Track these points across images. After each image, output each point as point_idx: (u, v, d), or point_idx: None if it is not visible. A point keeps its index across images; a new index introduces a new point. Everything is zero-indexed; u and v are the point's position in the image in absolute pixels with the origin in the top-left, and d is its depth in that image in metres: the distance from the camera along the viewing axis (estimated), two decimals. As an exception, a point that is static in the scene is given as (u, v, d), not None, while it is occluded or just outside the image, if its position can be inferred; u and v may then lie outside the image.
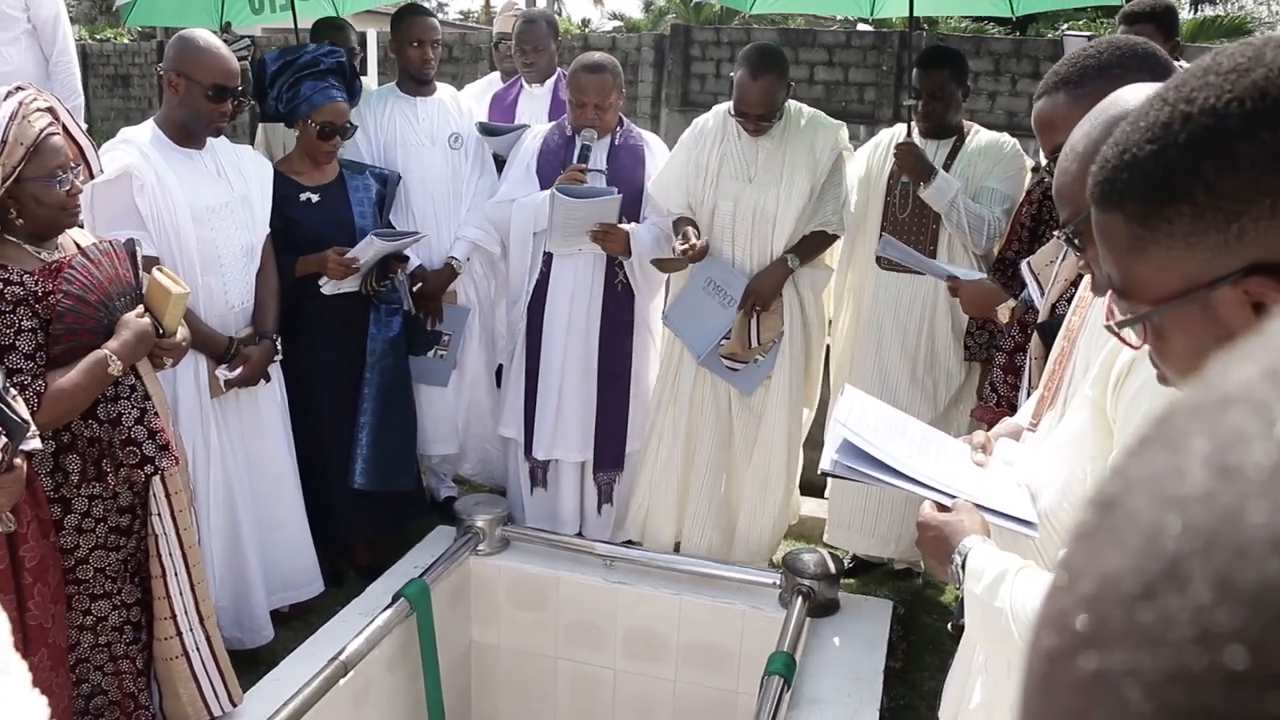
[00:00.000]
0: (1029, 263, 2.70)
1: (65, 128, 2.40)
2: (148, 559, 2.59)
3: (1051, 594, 0.34)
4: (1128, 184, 0.88)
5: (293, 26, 4.66)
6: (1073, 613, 0.32)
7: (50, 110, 2.35)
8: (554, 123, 3.95)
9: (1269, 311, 0.82)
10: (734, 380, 3.77)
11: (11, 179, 2.26)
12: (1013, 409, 2.90)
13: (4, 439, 2.01)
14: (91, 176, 2.49)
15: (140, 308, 2.50)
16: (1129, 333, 0.98)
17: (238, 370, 3.21)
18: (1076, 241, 1.32)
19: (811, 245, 3.70)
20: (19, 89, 2.33)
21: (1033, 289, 2.66)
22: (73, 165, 2.37)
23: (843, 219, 3.70)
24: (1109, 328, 0.99)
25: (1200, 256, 0.84)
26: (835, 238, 3.75)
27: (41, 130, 2.29)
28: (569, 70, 3.81)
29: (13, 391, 2.12)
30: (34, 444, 2.09)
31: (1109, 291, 0.98)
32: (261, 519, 3.45)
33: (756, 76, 3.50)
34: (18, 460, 2.06)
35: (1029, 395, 2.36)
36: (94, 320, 2.38)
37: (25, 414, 2.09)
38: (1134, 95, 1.28)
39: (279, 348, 3.38)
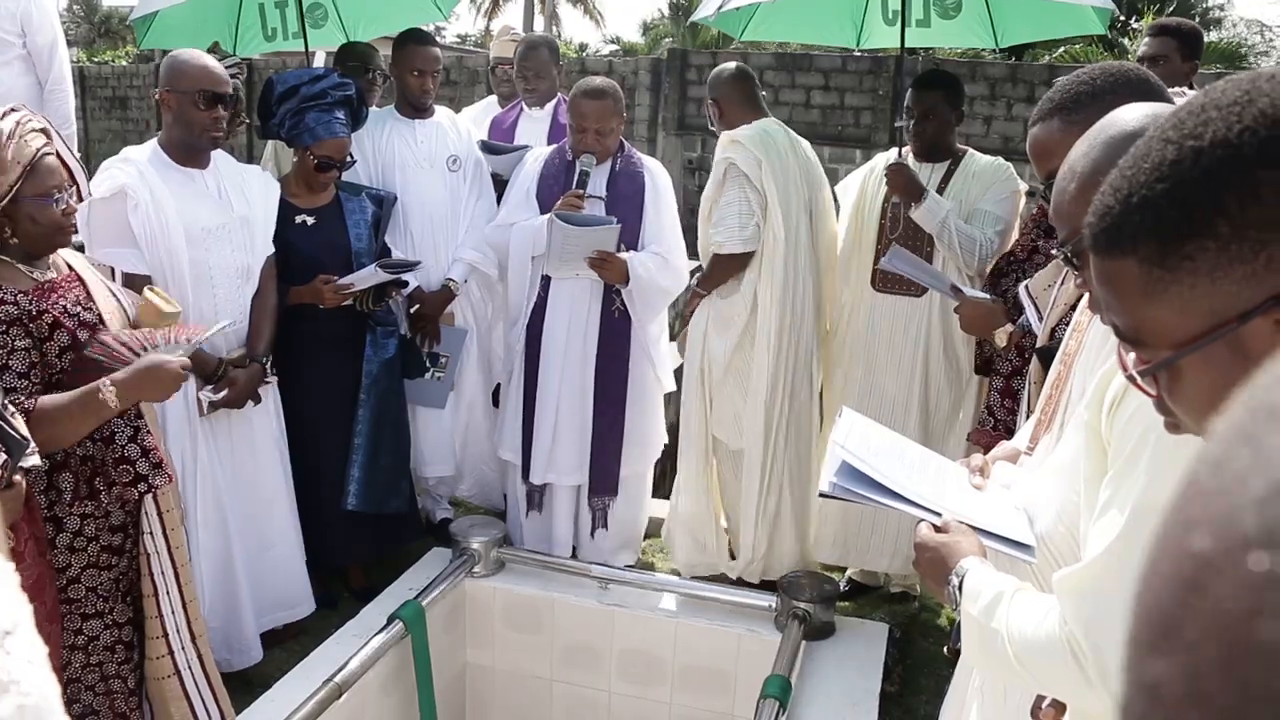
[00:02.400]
0: (1026, 286, 2.71)
1: (58, 151, 2.41)
2: (139, 578, 2.58)
3: (1199, 497, 0.34)
4: (1140, 226, 0.85)
5: (302, 50, 4.67)
6: (1238, 515, 0.32)
7: (44, 131, 2.37)
8: (555, 146, 3.95)
9: None
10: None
11: (8, 198, 2.27)
12: (1009, 433, 2.90)
13: (3, 455, 2.02)
14: (80, 198, 2.50)
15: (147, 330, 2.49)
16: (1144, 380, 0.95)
17: (222, 393, 3.20)
18: (1075, 260, 1.33)
19: (712, 267, 3.81)
20: (13, 110, 2.34)
21: (1030, 313, 2.67)
22: (67, 185, 2.39)
23: (720, 234, 3.72)
24: (1130, 378, 0.95)
25: (1227, 291, 0.82)
26: (733, 256, 3.74)
27: (38, 150, 2.31)
28: (569, 95, 3.81)
29: (11, 409, 2.12)
30: (33, 460, 2.09)
31: (1120, 342, 0.95)
32: (252, 539, 3.44)
33: None
34: (17, 477, 2.06)
35: (1028, 419, 2.36)
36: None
37: (25, 431, 2.10)
38: (1131, 115, 1.28)
39: (269, 371, 3.37)
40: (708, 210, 3.79)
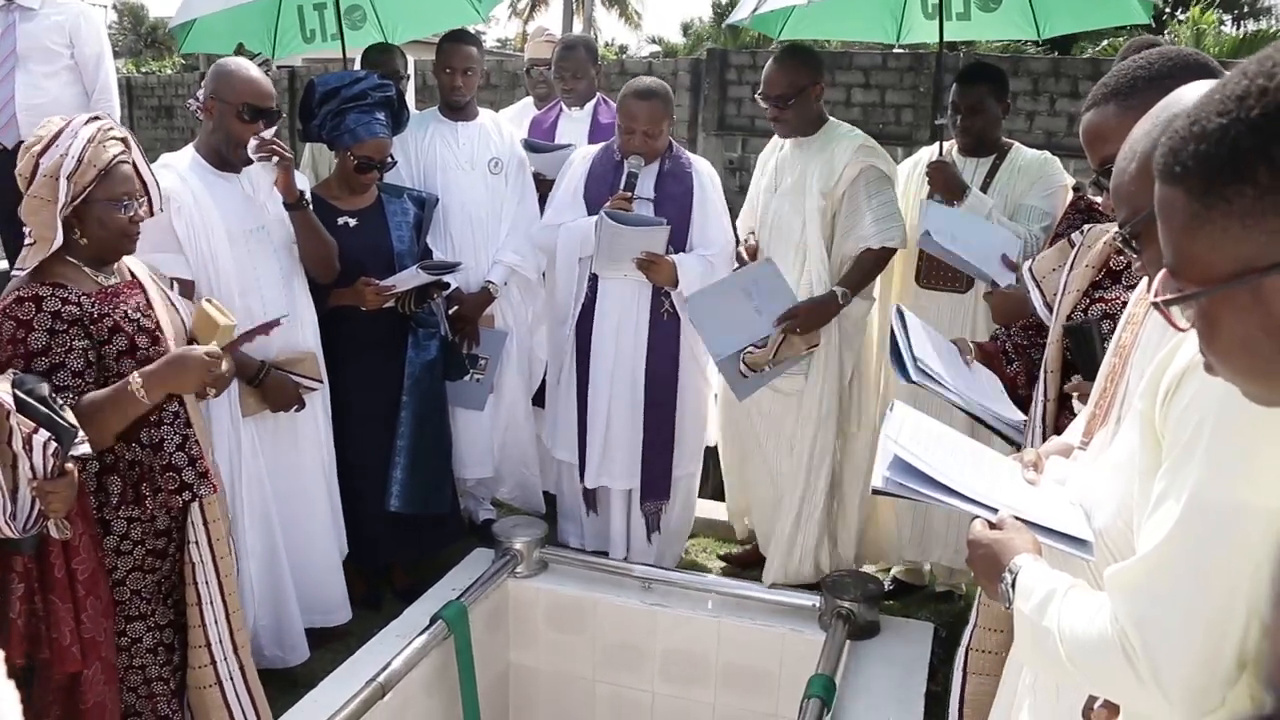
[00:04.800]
0: (1030, 267, 2.65)
1: (134, 161, 2.47)
2: (181, 583, 2.59)
3: None
4: (1192, 156, 0.84)
5: (340, 55, 4.70)
6: None
7: (124, 141, 2.44)
8: (603, 145, 3.91)
9: None
10: (735, 384, 3.68)
11: (80, 199, 2.32)
12: (1003, 353, 2.84)
13: (55, 444, 2.05)
14: (151, 213, 2.54)
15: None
16: (1176, 314, 0.95)
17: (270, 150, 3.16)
18: (1134, 243, 1.30)
19: (861, 269, 3.60)
20: (96, 118, 2.42)
21: (1034, 294, 2.60)
22: (139, 195, 2.44)
23: (890, 230, 3.58)
24: (1155, 304, 0.96)
25: (1256, 240, 0.82)
26: (886, 253, 3.62)
27: (114, 156, 2.38)
28: (619, 95, 3.77)
29: (59, 401, 2.16)
30: (84, 449, 2.14)
31: (1161, 270, 0.95)
32: (297, 540, 3.45)
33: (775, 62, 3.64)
34: (69, 465, 2.10)
35: (1042, 408, 2.31)
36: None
37: (74, 420, 2.13)
38: (1195, 93, 1.25)
39: (321, 377, 3.39)
40: (819, 199, 3.61)
